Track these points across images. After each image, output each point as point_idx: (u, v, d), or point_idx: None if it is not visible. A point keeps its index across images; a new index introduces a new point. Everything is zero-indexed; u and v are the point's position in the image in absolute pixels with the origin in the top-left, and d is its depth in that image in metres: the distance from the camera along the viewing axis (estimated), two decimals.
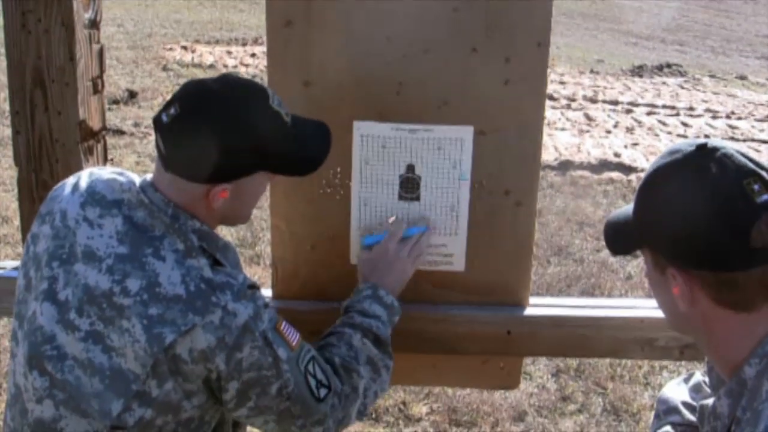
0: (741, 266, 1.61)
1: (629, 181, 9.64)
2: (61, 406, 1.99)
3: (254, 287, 2.07)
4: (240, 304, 1.97)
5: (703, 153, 1.66)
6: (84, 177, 2.18)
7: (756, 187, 1.60)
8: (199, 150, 1.99)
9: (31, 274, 2.10)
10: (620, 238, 1.88)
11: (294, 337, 2.10)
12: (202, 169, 2.03)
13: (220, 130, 2.00)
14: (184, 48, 16.09)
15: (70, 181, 2.20)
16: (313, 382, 2.10)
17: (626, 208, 1.90)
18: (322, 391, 2.13)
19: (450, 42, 2.47)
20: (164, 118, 2.02)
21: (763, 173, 1.62)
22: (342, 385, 2.19)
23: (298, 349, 2.09)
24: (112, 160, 8.87)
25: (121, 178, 2.13)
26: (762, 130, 12.52)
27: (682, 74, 17.57)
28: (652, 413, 2.19)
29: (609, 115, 12.92)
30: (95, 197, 2.09)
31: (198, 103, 2.03)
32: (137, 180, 2.13)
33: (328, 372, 2.17)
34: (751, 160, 1.65)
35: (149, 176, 2.15)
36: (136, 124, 10.48)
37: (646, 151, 10.82)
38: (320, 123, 2.33)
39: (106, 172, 2.18)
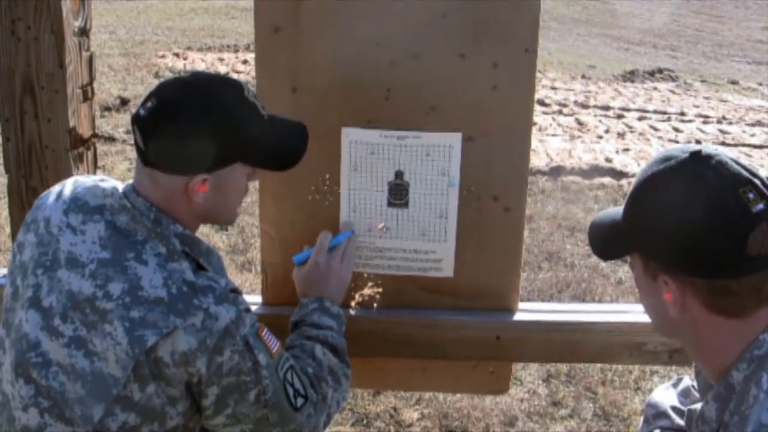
0: (735, 274, 1.62)
1: (620, 186, 9.63)
2: (46, 413, 1.99)
3: (236, 291, 2.08)
4: (222, 308, 1.98)
5: (698, 160, 1.67)
6: (68, 185, 2.19)
7: (751, 195, 1.61)
8: (175, 139, 2.02)
9: (18, 282, 2.11)
10: (609, 242, 1.88)
11: (274, 344, 2.11)
12: (179, 159, 2.04)
13: (195, 118, 2.02)
14: (176, 55, 16.07)
15: (55, 189, 2.21)
16: (290, 391, 2.11)
17: (611, 212, 1.91)
18: (299, 401, 2.14)
19: (438, 48, 2.48)
20: (141, 112, 2.04)
21: (757, 181, 1.64)
22: (317, 395, 2.21)
23: (277, 356, 2.10)
24: (103, 167, 8.86)
25: (103, 184, 2.14)
26: (753, 135, 12.52)
27: (673, 79, 17.58)
28: (642, 417, 2.20)
29: (600, 121, 12.92)
30: (78, 204, 2.10)
31: (173, 94, 2.06)
32: (120, 186, 2.14)
33: (305, 382, 2.18)
34: (744, 167, 1.66)
35: (132, 182, 2.15)
36: (127, 131, 10.42)
37: (638, 156, 10.82)
38: (298, 122, 2.34)
39: (90, 179, 2.19)
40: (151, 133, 2.03)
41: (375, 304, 2.66)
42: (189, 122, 2.02)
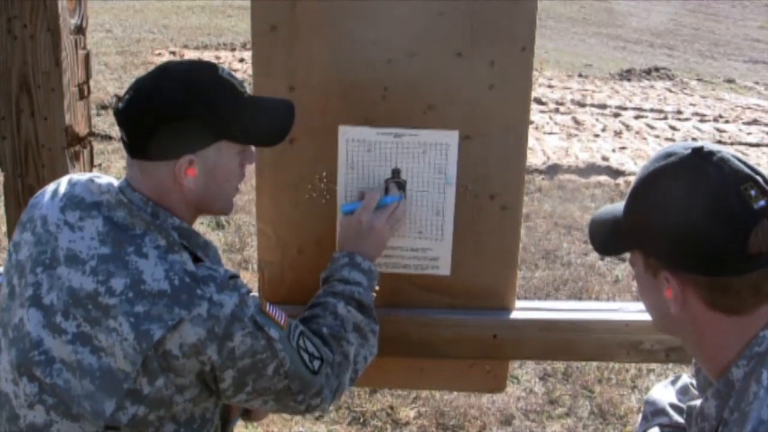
0: (737, 271, 1.62)
1: (617, 185, 9.66)
2: (51, 411, 1.99)
3: (235, 277, 2.08)
4: (225, 295, 1.98)
5: (699, 157, 1.67)
6: (63, 183, 2.19)
7: (753, 192, 1.61)
8: (154, 125, 2.02)
9: (15, 281, 2.10)
10: (610, 239, 1.88)
11: (281, 316, 2.12)
12: (161, 144, 2.05)
13: (170, 101, 2.03)
14: (173, 53, 16.10)
15: (50, 187, 2.21)
16: (306, 357, 2.12)
17: (612, 207, 1.91)
18: (316, 363, 2.15)
19: (435, 47, 2.47)
20: (120, 105, 2.06)
21: (759, 178, 1.64)
22: (333, 354, 2.21)
23: (287, 327, 2.11)
24: (100, 165, 8.86)
25: (98, 180, 2.14)
26: (749, 134, 12.56)
27: (670, 78, 17.62)
28: (639, 415, 2.20)
29: (597, 119, 12.95)
30: (74, 201, 2.10)
31: (147, 83, 2.07)
32: (115, 182, 2.15)
33: (318, 344, 2.19)
34: (745, 164, 1.66)
35: (126, 177, 2.16)
36: None
37: (634, 154, 10.84)
38: (283, 99, 2.33)
39: (85, 176, 2.19)
40: (131, 124, 2.05)
41: None
42: (165, 106, 2.03)
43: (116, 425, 1.96)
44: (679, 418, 2.04)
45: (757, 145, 11.91)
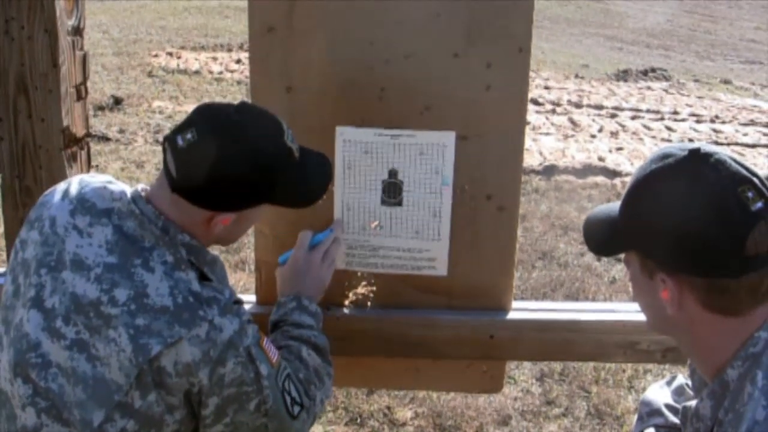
0: (734, 273, 1.62)
1: (614, 185, 9.64)
2: (43, 414, 1.99)
3: (239, 302, 2.09)
4: (226, 319, 1.98)
5: (697, 158, 1.66)
6: (74, 184, 2.18)
7: (750, 194, 1.60)
8: (211, 180, 2.01)
9: (20, 280, 2.10)
10: (606, 240, 1.87)
11: (274, 354, 2.12)
12: (211, 198, 2.05)
13: (233, 164, 2.01)
14: (170, 54, 16.06)
15: (61, 187, 2.20)
16: (288, 400, 2.12)
17: (607, 207, 1.90)
18: (296, 409, 2.15)
19: (432, 47, 2.48)
20: (180, 141, 2.02)
21: (756, 180, 1.63)
22: (309, 400, 2.21)
23: (277, 366, 2.11)
24: (97, 166, 8.84)
25: (111, 187, 2.13)
26: (746, 134, 12.53)
27: (666, 79, 17.59)
28: (635, 416, 2.20)
29: (594, 120, 12.93)
30: (85, 205, 2.09)
31: (216, 132, 2.03)
32: (128, 190, 2.14)
33: (301, 390, 2.19)
34: (743, 166, 1.65)
35: (140, 186, 2.15)
36: (121, 131, 10.45)
37: (631, 155, 10.83)
38: (321, 156, 2.35)
39: (97, 180, 2.17)
40: (186, 167, 2.02)
41: (369, 303, 2.66)
42: (226, 167, 2.01)
43: None
44: (674, 419, 2.04)
45: (753, 145, 11.90)
